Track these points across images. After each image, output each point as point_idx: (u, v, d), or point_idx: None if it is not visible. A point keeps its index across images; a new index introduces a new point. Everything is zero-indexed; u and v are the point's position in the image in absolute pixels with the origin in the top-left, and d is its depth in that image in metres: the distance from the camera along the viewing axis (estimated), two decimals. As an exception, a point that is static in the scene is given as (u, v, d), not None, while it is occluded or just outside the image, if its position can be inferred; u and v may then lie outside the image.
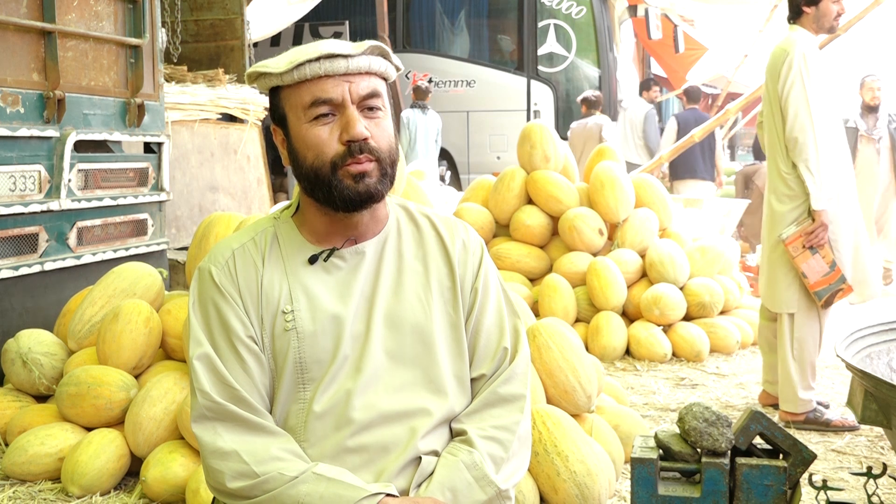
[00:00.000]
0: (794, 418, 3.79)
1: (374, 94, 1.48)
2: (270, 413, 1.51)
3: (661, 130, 9.78)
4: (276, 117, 1.53)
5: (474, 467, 1.48)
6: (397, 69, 1.56)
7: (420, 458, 1.49)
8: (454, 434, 1.55)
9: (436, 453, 1.51)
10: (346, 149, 1.46)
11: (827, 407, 3.93)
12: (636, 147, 9.90)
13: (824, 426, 3.77)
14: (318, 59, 1.44)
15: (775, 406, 3.96)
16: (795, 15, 3.85)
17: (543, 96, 10.83)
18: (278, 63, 1.47)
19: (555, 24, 10.80)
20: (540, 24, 10.85)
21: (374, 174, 1.48)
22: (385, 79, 1.54)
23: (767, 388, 4.05)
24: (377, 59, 1.49)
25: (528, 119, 10.69)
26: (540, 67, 10.89)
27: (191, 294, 1.55)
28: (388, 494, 1.41)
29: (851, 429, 3.77)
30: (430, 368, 1.53)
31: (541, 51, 10.87)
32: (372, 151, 1.47)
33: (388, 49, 1.52)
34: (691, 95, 9.29)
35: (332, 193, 1.47)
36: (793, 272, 3.78)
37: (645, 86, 10.36)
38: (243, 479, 1.43)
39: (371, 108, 1.48)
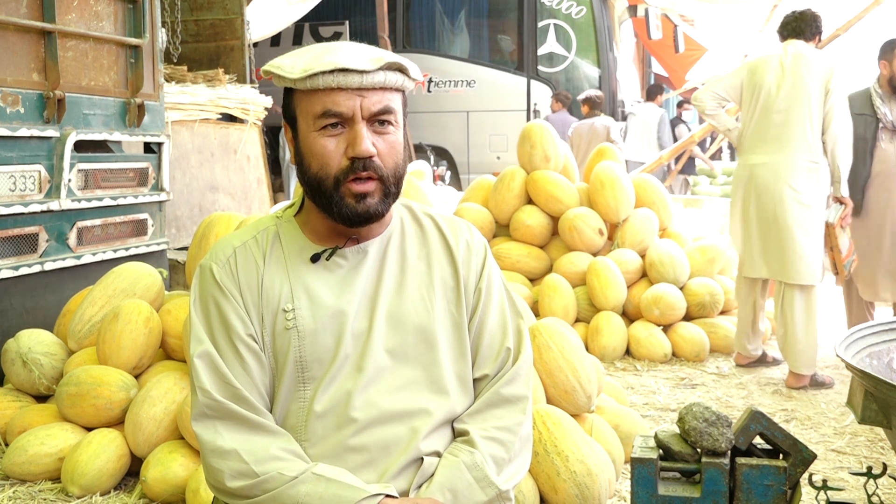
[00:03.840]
0: (801, 382, 4.37)
1: (385, 111, 1.47)
2: (270, 412, 1.51)
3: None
4: (288, 115, 1.53)
5: (475, 468, 1.48)
6: (414, 80, 1.54)
7: (422, 458, 1.49)
8: (456, 434, 1.55)
9: (437, 454, 1.51)
10: (350, 164, 1.45)
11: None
12: (649, 147, 10.01)
13: (821, 385, 4.39)
14: (332, 71, 1.43)
15: (744, 365, 4.75)
16: (813, 36, 4.48)
17: (543, 96, 10.84)
18: (293, 67, 1.45)
19: (555, 24, 10.79)
20: (540, 24, 10.84)
21: (377, 195, 1.47)
22: (401, 90, 1.52)
23: (743, 352, 4.73)
24: (394, 74, 1.47)
25: (528, 119, 10.68)
26: (540, 67, 10.88)
27: (192, 292, 1.55)
28: (387, 495, 1.41)
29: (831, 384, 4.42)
30: (432, 368, 1.53)
31: (541, 51, 10.86)
32: (376, 169, 1.46)
33: (407, 64, 1.49)
34: (562, 100, 9.54)
35: (332, 208, 1.47)
36: (818, 247, 4.33)
37: (653, 93, 10.56)
38: (243, 478, 1.43)
39: (382, 123, 1.47)
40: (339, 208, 1.47)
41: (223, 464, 1.44)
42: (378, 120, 1.47)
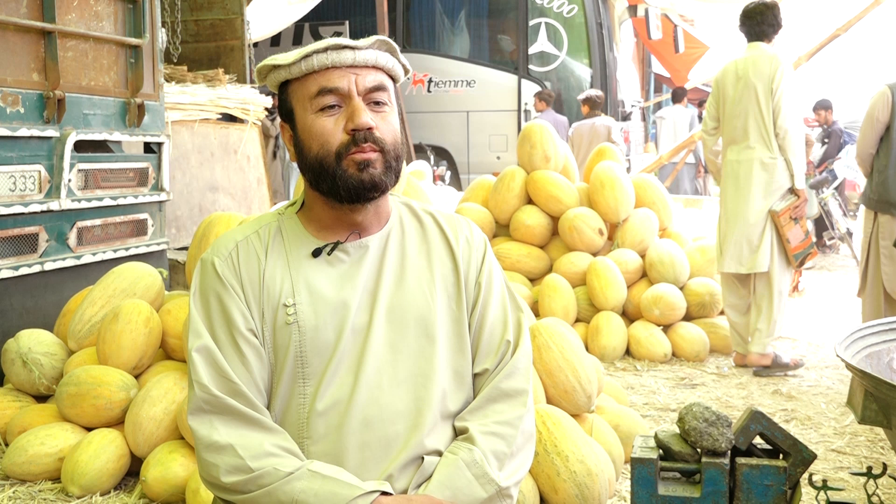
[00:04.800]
0: (764, 361, 4.62)
1: (379, 88, 1.50)
2: (269, 408, 1.51)
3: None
4: (284, 113, 1.54)
5: (474, 465, 1.48)
6: (406, 70, 1.57)
7: (422, 457, 1.49)
8: (457, 432, 1.55)
9: (438, 452, 1.51)
10: (350, 138, 1.47)
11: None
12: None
13: (784, 368, 4.62)
14: (325, 49, 1.47)
15: (744, 365, 4.75)
16: (768, 35, 4.65)
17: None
18: (287, 56, 1.50)
19: (546, 23, 10.75)
20: (531, 23, 10.80)
21: (379, 165, 1.48)
22: (392, 77, 1.55)
23: (741, 350, 4.77)
24: (384, 54, 1.51)
25: (520, 119, 10.68)
26: (531, 66, 10.83)
27: (192, 285, 1.54)
28: (383, 493, 1.41)
29: (799, 365, 4.67)
30: (432, 361, 1.53)
31: (532, 49, 10.81)
32: (376, 141, 1.48)
33: (396, 46, 1.53)
34: (545, 99, 9.52)
35: (336, 183, 1.48)
36: (771, 238, 4.57)
37: (679, 96, 11.00)
38: (238, 473, 1.42)
39: (377, 103, 1.50)
40: (344, 181, 1.47)
41: (218, 458, 1.43)
42: (374, 100, 1.49)
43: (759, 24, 4.66)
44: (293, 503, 1.40)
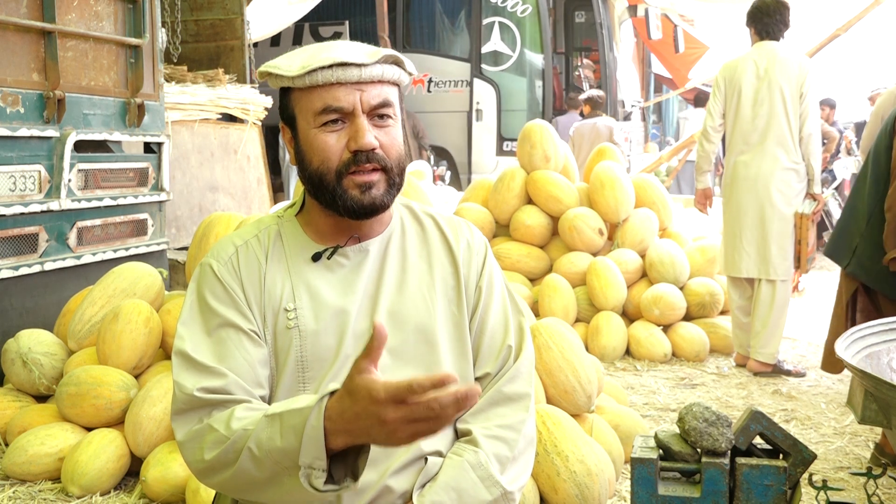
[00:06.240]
0: (766, 368, 4.62)
1: (385, 104, 1.47)
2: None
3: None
4: (285, 116, 1.52)
5: (479, 467, 1.48)
6: (409, 74, 1.55)
7: (424, 458, 1.49)
8: (459, 434, 1.55)
9: (439, 454, 1.51)
10: (352, 156, 1.45)
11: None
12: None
13: (786, 374, 4.63)
14: (330, 66, 1.43)
15: (744, 365, 4.77)
16: (781, 33, 4.61)
17: (486, 95, 10.75)
18: (290, 65, 1.46)
19: (499, 22, 10.70)
20: (484, 22, 10.75)
21: (381, 186, 1.47)
22: (397, 84, 1.53)
23: (742, 351, 4.80)
24: (391, 67, 1.48)
25: (470, 119, 10.69)
26: (483, 66, 10.77)
27: (189, 288, 1.53)
28: (331, 394, 1.27)
29: (802, 375, 4.64)
30: (433, 367, 1.52)
31: (484, 48, 10.76)
32: (379, 161, 1.46)
33: (403, 58, 1.50)
34: (575, 103, 9.50)
35: (335, 201, 1.47)
36: (790, 244, 4.55)
37: (701, 100, 11.07)
38: (217, 445, 1.36)
39: (381, 117, 1.47)
40: (344, 201, 1.46)
41: (199, 440, 1.39)
42: (378, 114, 1.47)
43: (775, 22, 4.58)
44: (265, 454, 1.31)
